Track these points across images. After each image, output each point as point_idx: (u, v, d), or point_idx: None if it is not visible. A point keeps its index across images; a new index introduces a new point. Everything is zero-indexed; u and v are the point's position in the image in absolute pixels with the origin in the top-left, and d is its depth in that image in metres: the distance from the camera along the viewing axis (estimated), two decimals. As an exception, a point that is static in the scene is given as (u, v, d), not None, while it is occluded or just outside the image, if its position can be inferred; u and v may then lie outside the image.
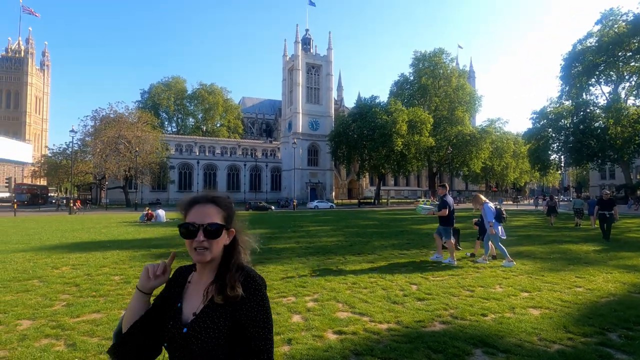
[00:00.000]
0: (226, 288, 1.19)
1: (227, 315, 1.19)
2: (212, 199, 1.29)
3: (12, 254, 9.34)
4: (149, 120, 53.29)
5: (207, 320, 1.18)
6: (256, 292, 1.22)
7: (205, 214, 1.23)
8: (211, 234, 1.21)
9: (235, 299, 1.19)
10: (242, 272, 1.26)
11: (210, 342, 1.16)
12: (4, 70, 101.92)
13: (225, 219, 1.27)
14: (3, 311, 4.86)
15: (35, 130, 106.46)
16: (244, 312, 1.18)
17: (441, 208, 8.23)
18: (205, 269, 1.28)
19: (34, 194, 55.54)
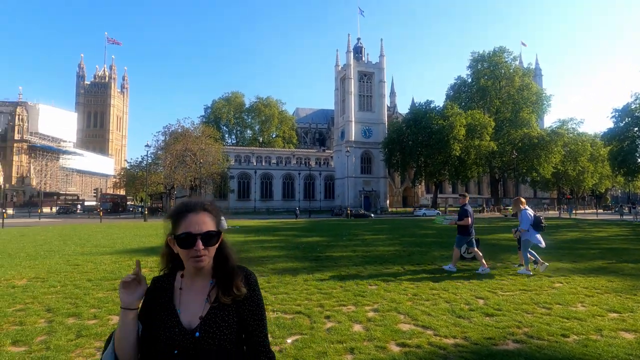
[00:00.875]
0: (232, 289, 1.27)
1: (233, 312, 1.26)
2: (204, 206, 1.31)
3: (101, 256, 10.56)
4: (211, 134, 57.19)
5: (217, 320, 1.24)
6: (255, 289, 1.33)
7: (200, 222, 1.25)
8: (209, 242, 1.24)
9: (240, 297, 1.27)
10: (241, 270, 1.33)
11: (224, 340, 1.23)
12: (93, 94, 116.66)
13: (216, 225, 1.30)
14: (97, 306, 5.51)
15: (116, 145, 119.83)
16: (246, 307, 1.29)
17: (462, 217, 8.17)
18: (199, 274, 1.30)
19: (115, 202, 62.22)
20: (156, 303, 1.28)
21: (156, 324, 1.25)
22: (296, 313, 5.17)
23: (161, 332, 1.23)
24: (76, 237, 16.49)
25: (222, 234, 1.31)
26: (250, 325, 1.28)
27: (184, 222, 1.25)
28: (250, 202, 65.42)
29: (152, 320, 1.26)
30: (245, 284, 1.30)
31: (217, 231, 1.27)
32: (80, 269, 8.55)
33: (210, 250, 1.26)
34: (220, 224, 1.32)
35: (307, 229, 22.05)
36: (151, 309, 1.28)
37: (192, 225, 1.24)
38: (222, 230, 1.32)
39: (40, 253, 11.22)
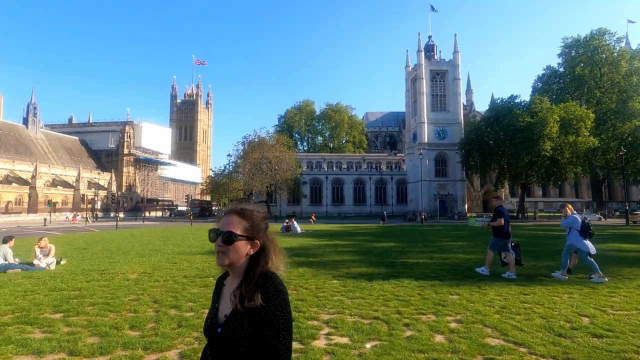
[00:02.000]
0: (244, 298, 1.29)
1: (251, 320, 1.28)
2: (239, 210, 1.42)
3: (194, 255, 11.77)
4: (285, 142, 60.07)
5: (235, 323, 1.29)
6: (274, 299, 1.29)
7: (227, 223, 1.37)
8: (227, 241, 1.33)
9: (253, 309, 1.28)
10: (262, 280, 1.33)
11: (240, 344, 1.27)
12: (183, 111, 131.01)
13: (247, 230, 1.37)
14: (193, 300, 6.15)
15: (202, 156, 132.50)
16: (263, 318, 1.27)
17: (495, 219, 8.23)
18: (234, 274, 1.40)
19: (203, 207, 68.72)
20: (214, 294, 1.50)
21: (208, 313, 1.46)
22: (373, 318, 5.14)
23: (206, 319, 1.43)
24: (173, 238, 18.61)
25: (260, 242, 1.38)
26: (267, 338, 1.27)
27: (219, 221, 1.42)
28: (322, 206, 66.77)
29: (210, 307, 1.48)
30: (263, 294, 1.29)
31: (235, 233, 1.34)
32: (177, 266, 9.64)
33: (229, 249, 1.33)
34: (254, 230, 1.38)
35: (380, 234, 21.73)
36: (212, 300, 1.50)
37: (219, 224, 1.39)
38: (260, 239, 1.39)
39: (146, 251, 12.91)
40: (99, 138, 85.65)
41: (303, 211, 62.67)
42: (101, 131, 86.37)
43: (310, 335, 4.49)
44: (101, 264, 10.08)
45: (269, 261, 1.40)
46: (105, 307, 5.71)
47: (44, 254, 9.47)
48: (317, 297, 6.37)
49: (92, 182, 73.17)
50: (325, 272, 8.65)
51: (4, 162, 58.87)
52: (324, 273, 8.56)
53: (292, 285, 7.26)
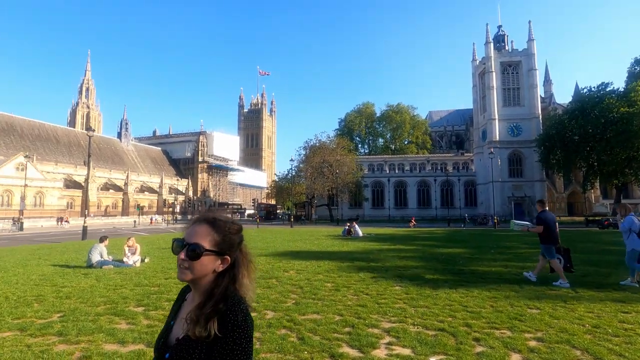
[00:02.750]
0: (196, 326, 1.10)
1: (204, 352, 1.09)
2: (211, 219, 1.23)
3: (258, 257, 12.26)
4: (345, 145, 60.21)
5: (185, 352, 1.11)
6: (233, 332, 1.09)
7: (194, 233, 1.19)
8: (191, 255, 1.15)
9: (204, 339, 1.08)
10: (225, 307, 1.12)
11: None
12: (250, 120, 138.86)
13: (218, 244, 1.19)
14: (256, 301, 6.36)
15: (267, 161, 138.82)
16: (218, 352, 1.08)
17: (537, 225, 7.94)
18: (196, 292, 1.21)
19: (268, 210, 71.82)
20: (172, 310, 1.32)
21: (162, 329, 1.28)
22: (439, 330, 4.80)
23: (158, 336, 1.25)
24: (240, 240, 19.65)
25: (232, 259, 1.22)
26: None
27: (187, 229, 1.24)
28: (385, 210, 65.42)
29: None
30: (220, 323, 1.10)
31: (202, 247, 1.16)
32: (243, 267, 10.11)
33: (193, 264, 1.16)
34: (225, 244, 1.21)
35: (446, 239, 20.53)
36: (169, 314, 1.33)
37: (186, 233, 1.21)
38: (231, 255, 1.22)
39: (216, 252, 13.79)
40: (178, 148, 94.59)
41: (365, 214, 62.05)
42: (179, 141, 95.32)
43: (370, 343, 4.33)
44: (178, 262, 11.00)
45: (237, 282, 1.21)
46: (179, 304, 6.17)
47: (131, 252, 10.63)
48: (378, 303, 6.16)
49: (173, 187, 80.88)
50: (387, 278, 8.37)
51: (103, 172, 67.91)
52: (385, 279, 8.29)
53: (352, 290, 7.14)
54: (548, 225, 7.74)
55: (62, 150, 67.33)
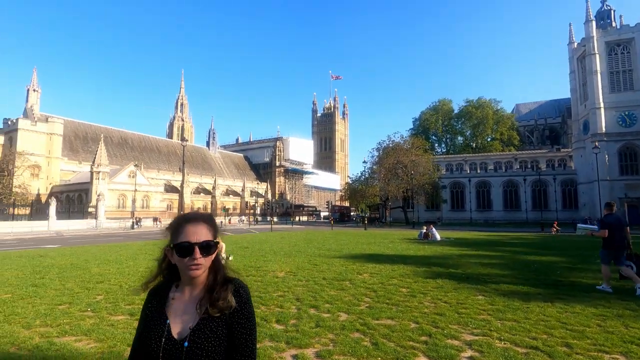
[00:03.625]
0: (219, 301, 1.27)
1: (223, 324, 1.27)
2: (204, 217, 1.38)
3: (332, 259, 12.42)
4: (420, 145, 57.79)
5: (206, 332, 1.25)
6: (246, 303, 1.32)
7: (199, 232, 1.31)
8: (206, 251, 1.29)
9: (229, 310, 1.27)
10: (231, 284, 1.33)
11: (212, 352, 1.24)
12: (323, 124, 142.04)
13: (215, 236, 1.35)
14: (330, 302, 6.44)
15: (340, 164, 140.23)
16: (236, 321, 1.28)
17: (600, 229, 7.56)
18: (192, 284, 1.33)
19: (342, 212, 72.49)
20: (150, 311, 1.35)
21: (147, 332, 1.30)
22: (531, 348, 4.28)
23: (150, 341, 1.28)
24: (315, 241, 20.15)
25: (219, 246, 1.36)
26: (238, 339, 1.28)
27: (183, 232, 1.31)
28: (465, 212, 61.05)
29: (144, 328, 1.32)
30: (235, 297, 1.30)
31: (215, 241, 1.33)
32: (318, 268, 10.33)
33: (207, 259, 1.31)
34: (217, 235, 1.37)
35: (539, 245, 18.30)
36: (145, 317, 1.35)
37: (190, 235, 1.30)
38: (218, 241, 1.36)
39: (293, 252, 14.35)
40: (257, 153, 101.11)
41: (443, 217, 58.70)
42: (258, 147, 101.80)
43: (449, 356, 4.06)
44: (257, 261, 11.71)
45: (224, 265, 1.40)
46: (259, 300, 6.55)
47: (217, 251, 11.63)
48: (459, 313, 5.75)
49: (253, 191, 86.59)
50: (468, 286, 7.77)
51: (194, 177, 75.75)
52: (466, 287, 7.71)
53: (429, 297, 6.79)
54: (611, 229, 7.38)
55: (163, 159, 77.00)
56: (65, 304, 6.36)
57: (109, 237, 27.35)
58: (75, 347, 4.35)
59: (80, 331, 4.88)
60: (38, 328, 5.04)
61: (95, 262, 11.53)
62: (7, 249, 17.68)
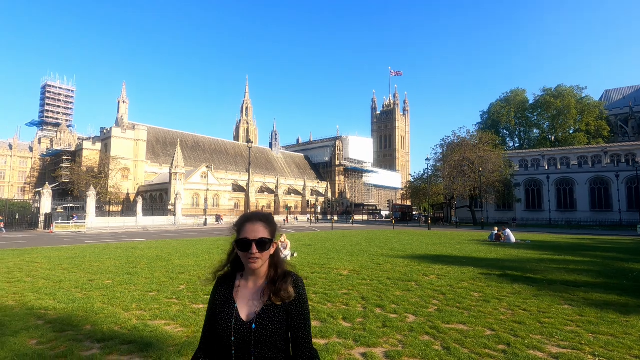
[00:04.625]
0: (281, 291, 1.47)
1: (282, 311, 1.47)
2: (261, 217, 1.55)
3: (396, 259, 12.17)
4: (489, 140, 53.76)
5: (270, 316, 1.45)
6: (302, 293, 1.52)
7: (256, 230, 1.48)
8: (262, 247, 1.47)
9: (289, 299, 1.47)
10: (290, 276, 1.52)
11: (275, 335, 1.43)
12: (382, 121, 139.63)
13: (272, 234, 1.52)
14: (396, 303, 6.33)
15: (401, 162, 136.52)
16: (294, 309, 1.48)
17: None
18: (255, 275, 1.53)
19: (403, 212, 70.50)
20: (219, 296, 1.55)
21: (217, 315, 1.50)
22: (633, 367, 3.77)
23: (221, 321, 1.47)
24: (377, 241, 19.91)
25: (275, 242, 1.54)
26: (296, 324, 1.48)
27: (243, 230, 1.50)
28: (543, 212, 55.42)
29: (214, 311, 1.53)
30: (294, 288, 1.49)
31: (269, 238, 1.50)
32: (381, 267, 10.20)
33: (263, 254, 1.48)
34: (274, 233, 1.53)
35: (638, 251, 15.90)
36: (214, 301, 1.55)
37: (249, 233, 1.48)
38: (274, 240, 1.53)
39: (355, 251, 14.35)
40: (317, 153, 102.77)
41: (517, 217, 54.01)
42: (318, 147, 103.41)
43: (531, 367, 3.74)
44: (321, 259, 11.93)
45: (283, 260, 1.60)
46: (324, 297, 6.68)
47: (283, 247, 12.09)
48: (541, 322, 5.27)
49: (314, 190, 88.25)
50: (551, 294, 7.07)
51: (259, 177, 79.55)
52: (549, 294, 7.03)
53: (505, 304, 6.31)
54: None
55: (230, 160, 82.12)
56: (154, 291, 7.14)
57: (185, 232, 29.97)
58: (165, 330, 4.87)
59: (168, 316, 5.44)
60: (134, 311, 5.73)
61: (177, 255, 12.73)
62: (106, 241, 20.35)
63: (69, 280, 8.17)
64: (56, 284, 7.76)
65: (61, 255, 12.79)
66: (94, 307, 5.87)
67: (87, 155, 61.58)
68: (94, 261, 11.16)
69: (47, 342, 4.38)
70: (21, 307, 5.91)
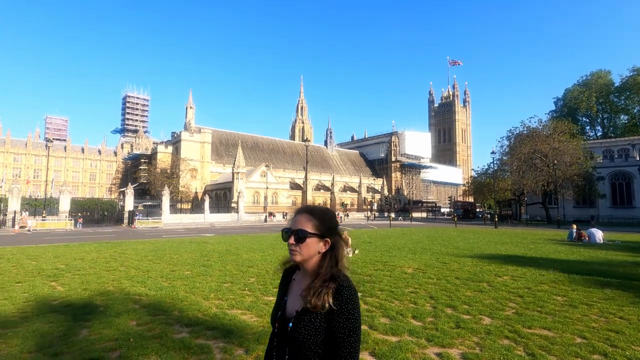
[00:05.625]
0: (312, 297, 1.32)
1: (322, 318, 1.32)
2: (309, 209, 1.48)
3: (463, 258, 11.59)
4: (566, 129, 48.51)
5: (305, 320, 1.33)
6: (347, 302, 1.33)
7: (297, 222, 1.43)
8: (298, 239, 1.39)
9: (320, 309, 1.31)
10: (334, 282, 1.35)
11: (310, 339, 1.32)
12: (441, 114, 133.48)
13: (318, 228, 1.40)
14: (468, 304, 6.04)
15: (462, 156, 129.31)
16: (335, 318, 1.32)
17: None
18: (305, 272, 1.45)
19: (466, 209, 66.77)
20: (281, 287, 1.56)
21: (276, 303, 1.52)
22: None
23: (274, 310, 1.49)
24: (439, 239, 19.13)
25: (331, 241, 1.43)
26: (336, 337, 1.32)
27: (291, 219, 1.49)
28: (634, 209, 48.79)
29: (277, 299, 1.54)
30: (335, 296, 1.33)
31: (306, 232, 1.40)
32: (448, 266, 9.80)
33: (301, 247, 1.39)
34: (324, 229, 1.42)
35: None
36: (278, 291, 1.57)
37: (292, 222, 1.45)
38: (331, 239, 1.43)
39: (417, 249, 13.96)
40: (372, 150, 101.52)
41: (601, 215, 48.23)
42: (373, 144, 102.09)
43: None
44: (383, 256, 11.80)
45: (339, 261, 1.43)
46: (391, 295, 6.61)
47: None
48: (643, 333, 4.67)
49: (370, 187, 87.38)
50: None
51: (314, 175, 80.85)
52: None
53: (596, 310, 5.70)
54: None
55: (287, 159, 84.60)
56: (228, 282, 7.65)
57: (248, 228, 31.58)
58: (242, 319, 5.20)
59: (243, 306, 5.80)
60: (213, 300, 6.20)
61: (244, 250, 13.49)
62: (180, 236, 22.24)
63: (155, 270, 9.08)
64: (145, 273, 8.68)
65: (145, 247, 14.27)
66: (178, 295, 6.47)
67: (161, 158, 67.78)
68: (173, 254, 12.27)
69: (144, 324, 4.93)
70: (119, 292, 6.72)
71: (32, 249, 13.81)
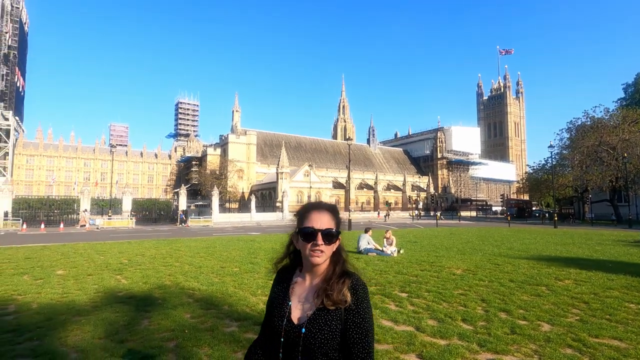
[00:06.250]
0: (333, 292, 1.27)
1: (338, 319, 1.27)
2: (328, 207, 1.40)
3: (517, 259, 10.87)
4: (637, 118, 43.61)
5: (321, 322, 1.27)
6: (363, 299, 1.31)
7: (323, 220, 1.33)
8: (328, 239, 1.32)
9: (343, 304, 1.27)
10: (349, 278, 1.32)
11: (327, 344, 1.25)
12: (490, 107, 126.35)
13: (338, 225, 1.37)
14: (525, 308, 5.65)
15: (515, 151, 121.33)
16: (350, 318, 1.27)
17: None
18: (312, 272, 1.36)
19: (520, 207, 62.60)
20: (277, 291, 1.42)
21: (273, 310, 1.38)
22: None
23: (275, 318, 1.35)
24: (491, 239, 18.12)
25: (339, 238, 1.38)
26: (351, 337, 1.27)
27: (308, 218, 1.35)
28: None
29: (272, 304, 1.40)
30: (351, 293, 1.30)
31: (337, 231, 1.35)
32: (500, 268, 9.24)
33: (328, 247, 1.32)
34: (339, 226, 1.38)
35: None
36: (272, 294, 1.44)
37: (315, 221, 1.33)
38: None
39: (467, 249, 13.34)
40: (417, 147, 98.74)
41: (683, 214, 42.66)
42: (418, 140, 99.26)
43: None
44: (429, 256, 11.42)
45: (346, 260, 1.40)
46: (438, 296, 6.38)
47: (388, 243, 11.97)
48: None
49: (415, 185, 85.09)
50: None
51: (357, 173, 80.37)
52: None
53: (679, 320, 5.05)
54: None
55: (330, 158, 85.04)
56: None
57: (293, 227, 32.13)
58: (288, 315, 5.31)
59: (289, 303, 5.91)
60: (260, 297, 6.40)
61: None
62: (228, 234, 23.27)
63: (206, 266, 9.58)
64: (197, 269, 9.19)
65: (197, 245, 15.10)
66: (228, 291, 6.77)
67: (210, 160, 71.35)
68: (222, 251, 12.86)
69: (198, 317, 5.22)
70: (175, 286, 7.18)
71: (100, 245, 15.21)
